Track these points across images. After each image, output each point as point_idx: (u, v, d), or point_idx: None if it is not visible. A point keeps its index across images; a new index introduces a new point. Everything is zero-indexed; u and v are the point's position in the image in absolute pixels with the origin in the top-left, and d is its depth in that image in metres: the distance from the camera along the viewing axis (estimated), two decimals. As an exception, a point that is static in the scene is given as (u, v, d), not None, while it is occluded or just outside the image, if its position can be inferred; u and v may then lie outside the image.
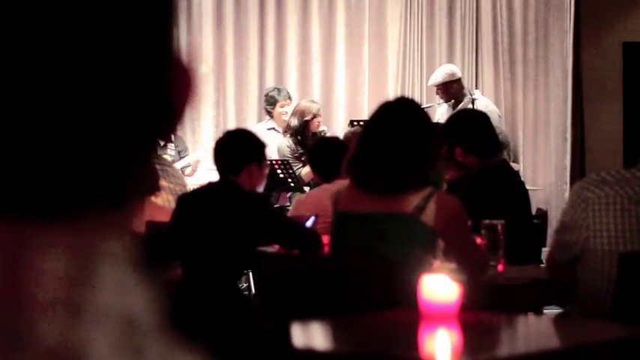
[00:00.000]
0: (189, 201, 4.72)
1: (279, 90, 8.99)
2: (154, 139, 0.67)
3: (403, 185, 3.65)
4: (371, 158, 3.69)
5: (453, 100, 8.72)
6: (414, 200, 3.62)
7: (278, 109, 8.76)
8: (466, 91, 8.84)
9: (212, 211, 4.59)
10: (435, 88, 8.89)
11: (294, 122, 8.28)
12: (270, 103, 8.86)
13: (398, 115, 3.74)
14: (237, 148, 4.71)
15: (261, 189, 4.87)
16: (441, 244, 4.31)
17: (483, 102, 8.69)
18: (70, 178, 0.63)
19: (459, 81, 8.82)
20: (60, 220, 0.63)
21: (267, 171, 4.92)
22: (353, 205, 3.72)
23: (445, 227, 3.61)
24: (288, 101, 8.82)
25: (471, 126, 5.19)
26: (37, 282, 0.61)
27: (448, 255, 3.69)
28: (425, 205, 3.61)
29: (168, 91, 0.67)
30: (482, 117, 5.45)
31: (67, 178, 0.63)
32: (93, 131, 0.63)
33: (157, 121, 0.66)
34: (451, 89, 8.71)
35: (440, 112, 8.74)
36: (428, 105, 9.46)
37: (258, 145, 4.80)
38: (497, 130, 5.80)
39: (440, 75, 8.85)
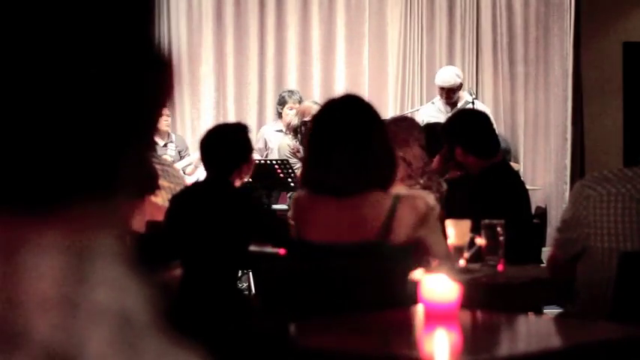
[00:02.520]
0: (182, 200, 4.75)
1: (291, 92, 9.06)
2: (141, 133, 0.67)
3: (357, 180, 3.46)
4: (321, 159, 3.51)
5: (451, 102, 8.71)
6: (378, 216, 3.45)
7: (286, 111, 8.85)
8: (462, 94, 8.83)
9: (205, 210, 4.63)
10: (437, 88, 8.82)
11: (295, 121, 8.36)
12: (280, 103, 8.97)
13: (342, 112, 3.54)
14: (228, 152, 4.74)
15: (246, 178, 4.98)
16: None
17: (479, 105, 8.69)
18: (57, 171, 0.63)
19: (461, 85, 8.82)
20: (53, 218, 0.63)
21: (253, 163, 4.99)
22: (314, 218, 3.54)
23: (417, 231, 3.48)
24: (298, 105, 8.88)
25: (472, 126, 5.19)
26: (32, 280, 0.61)
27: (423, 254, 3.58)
28: (391, 223, 3.45)
29: (151, 85, 0.67)
30: (482, 117, 5.46)
31: (54, 171, 0.63)
32: (78, 124, 0.63)
33: (142, 115, 0.67)
34: (458, 92, 8.68)
35: (426, 114, 8.66)
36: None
37: (246, 143, 4.84)
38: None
39: (453, 78, 8.73)
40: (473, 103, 8.53)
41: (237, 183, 4.80)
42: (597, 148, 10.19)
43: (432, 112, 8.53)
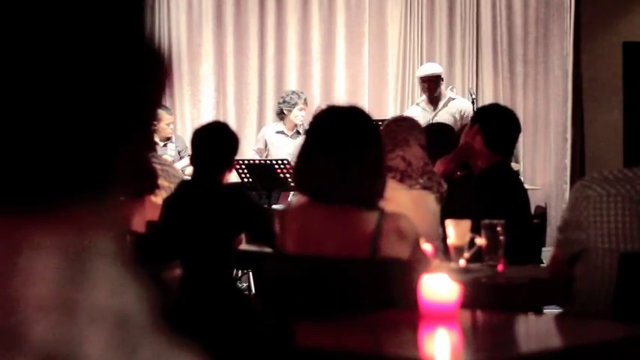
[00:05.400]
0: (176, 200, 4.77)
1: (298, 94, 9.03)
2: (138, 132, 0.68)
3: (345, 188, 3.41)
4: (313, 160, 3.46)
5: (433, 96, 8.69)
6: (364, 234, 3.40)
7: (295, 112, 8.82)
8: (445, 92, 8.83)
9: (199, 208, 4.67)
10: (419, 84, 8.87)
11: None
12: (290, 104, 8.90)
13: (343, 122, 3.49)
14: (221, 155, 4.79)
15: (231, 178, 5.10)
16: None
17: (462, 102, 8.73)
18: (56, 171, 0.63)
19: (441, 78, 8.85)
20: (52, 218, 0.63)
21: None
22: (302, 224, 3.49)
23: (403, 252, 3.43)
24: (306, 105, 8.91)
25: (502, 122, 5.13)
26: (30, 282, 0.61)
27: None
28: (378, 242, 3.39)
29: (147, 84, 0.67)
30: (514, 118, 5.37)
31: (52, 171, 0.63)
32: (75, 124, 0.64)
33: (138, 114, 0.67)
34: (440, 85, 8.71)
35: (412, 115, 8.70)
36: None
37: (236, 146, 4.89)
38: None
39: (431, 67, 8.90)
40: (474, 102, 8.53)
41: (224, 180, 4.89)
42: (597, 148, 10.19)
43: (417, 113, 8.51)
